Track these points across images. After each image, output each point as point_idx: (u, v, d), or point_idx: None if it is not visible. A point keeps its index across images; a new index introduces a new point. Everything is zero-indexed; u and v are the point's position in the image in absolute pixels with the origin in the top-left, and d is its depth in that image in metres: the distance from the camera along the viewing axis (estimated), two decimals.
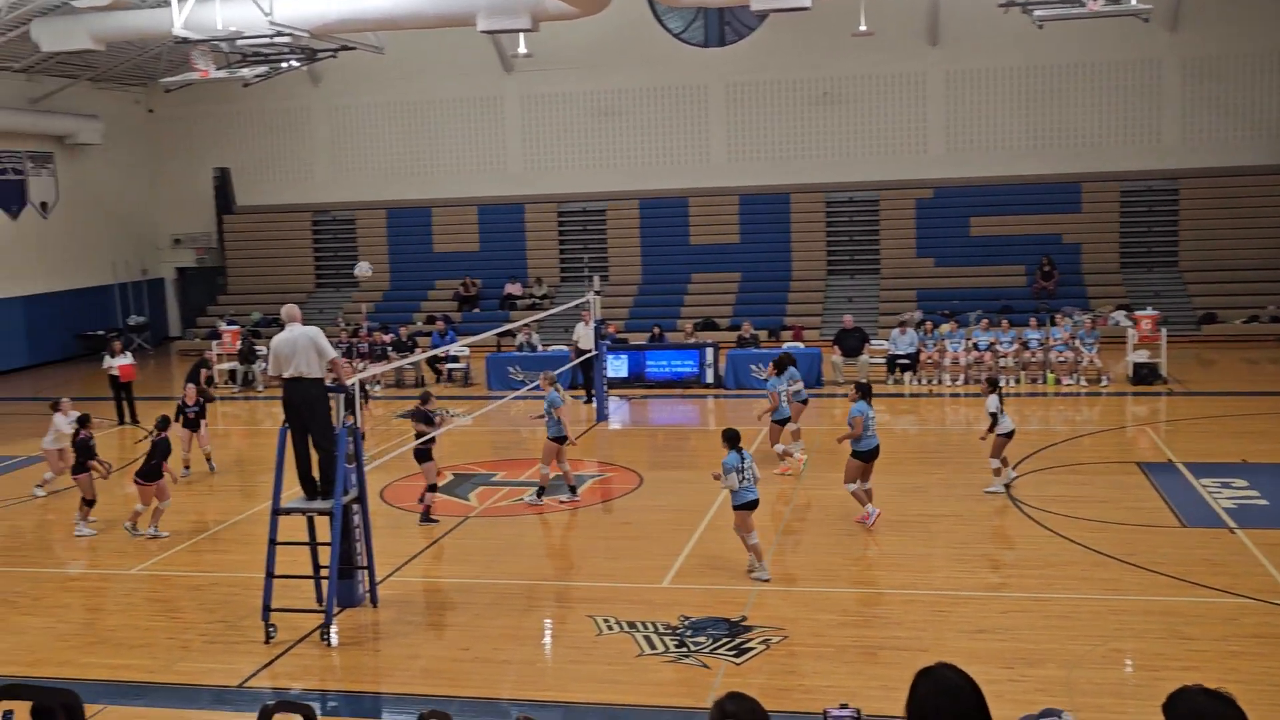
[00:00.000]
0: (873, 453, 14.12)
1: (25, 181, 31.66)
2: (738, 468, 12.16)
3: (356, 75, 33.41)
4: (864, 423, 13.92)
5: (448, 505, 15.82)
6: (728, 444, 12.38)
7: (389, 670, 10.58)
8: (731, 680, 9.73)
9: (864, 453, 14.06)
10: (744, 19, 31.75)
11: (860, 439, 13.98)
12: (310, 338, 11.30)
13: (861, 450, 14.05)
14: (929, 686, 3.74)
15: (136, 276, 35.17)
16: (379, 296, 33.83)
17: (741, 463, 12.21)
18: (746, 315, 28.60)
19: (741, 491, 12.23)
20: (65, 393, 27.11)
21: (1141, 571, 12.03)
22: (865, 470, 14.14)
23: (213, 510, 16.25)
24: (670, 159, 33.04)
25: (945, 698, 3.71)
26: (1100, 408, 21.41)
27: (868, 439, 14.02)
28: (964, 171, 31.38)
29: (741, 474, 12.18)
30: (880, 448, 14.32)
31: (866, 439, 14.00)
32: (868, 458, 14.09)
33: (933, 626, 10.84)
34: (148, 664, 10.71)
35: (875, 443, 14.13)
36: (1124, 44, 29.59)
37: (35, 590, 13.03)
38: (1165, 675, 9.49)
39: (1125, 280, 30.02)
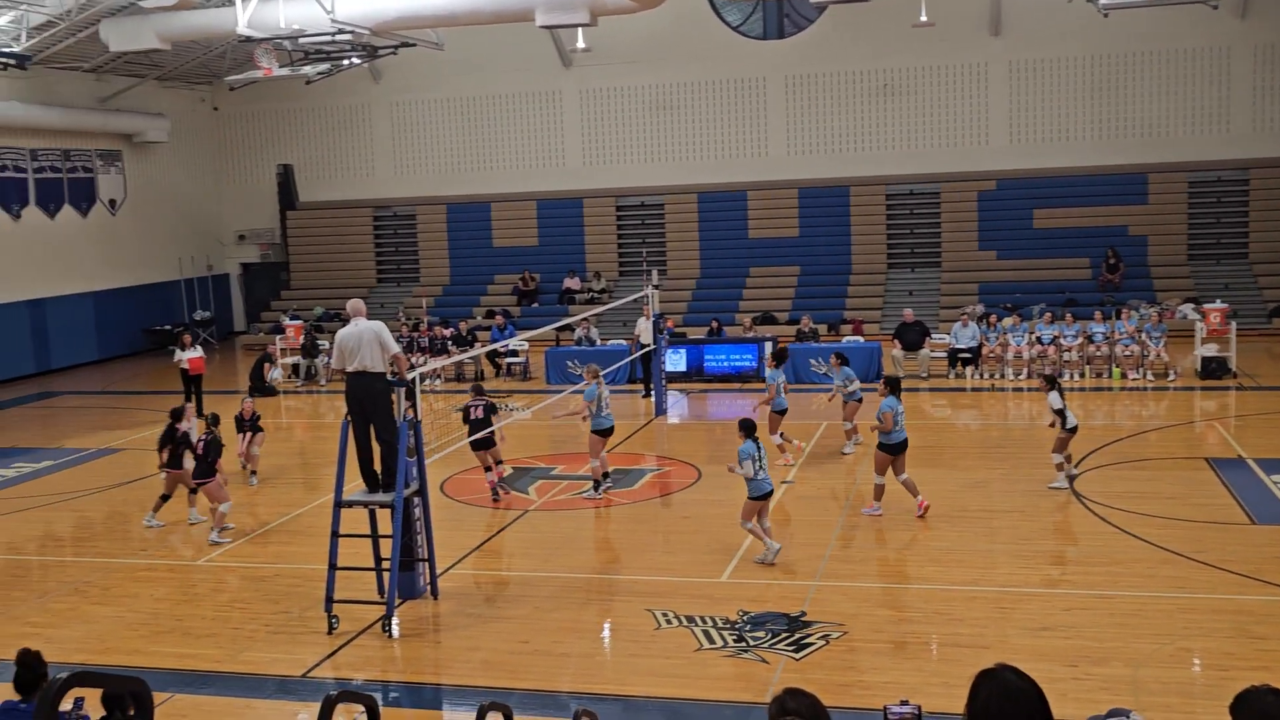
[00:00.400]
0: (900, 446, 14.20)
1: (95, 179, 32.25)
2: (754, 456, 12.40)
3: (417, 72, 33.65)
4: (893, 417, 14.01)
5: (508, 499, 15.89)
6: (744, 433, 12.67)
7: (449, 662, 10.66)
8: (790, 676, 9.69)
9: (891, 446, 14.15)
10: (803, 11, 31.56)
11: (889, 433, 14.08)
12: (375, 332, 11.46)
13: (889, 444, 14.14)
14: (991, 689, 3.62)
15: (202, 272, 35.72)
16: (439, 291, 34.09)
17: (757, 452, 12.47)
18: (805, 309, 28.46)
19: (759, 481, 12.47)
20: (132, 386, 27.68)
21: (1210, 569, 11.82)
22: (893, 463, 14.22)
23: (276, 503, 16.46)
24: (729, 152, 32.93)
25: (1008, 701, 3.60)
26: (1167, 402, 21.05)
27: (896, 433, 14.11)
28: (1027, 163, 30.97)
29: (758, 463, 12.41)
30: (908, 442, 14.34)
31: (895, 433, 14.10)
32: (895, 451, 14.17)
33: (995, 623, 10.73)
34: (214, 653, 10.87)
35: (903, 436, 14.22)
36: (1192, 31, 29.04)
37: (105, 580, 13.29)
38: (1234, 675, 9.31)
39: (1193, 272, 29.48)
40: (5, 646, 10.54)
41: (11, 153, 29.49)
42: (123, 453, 20.29)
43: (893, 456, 14.17)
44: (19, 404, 26.23)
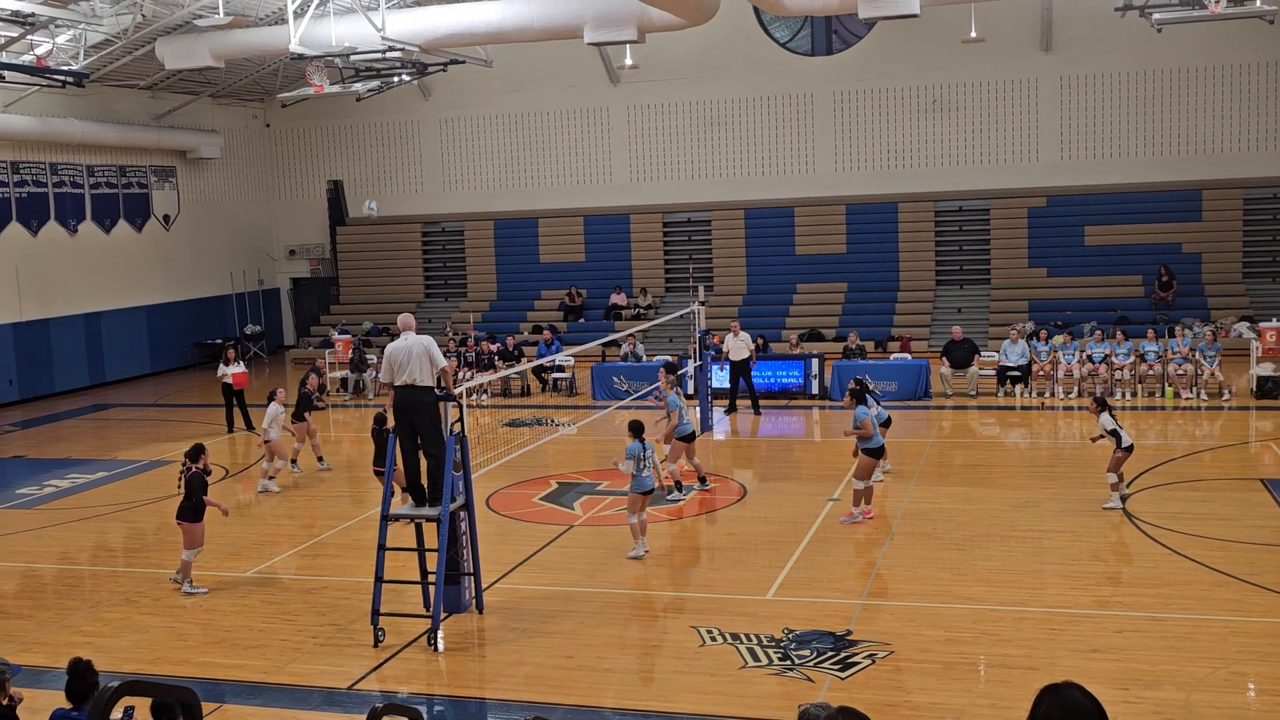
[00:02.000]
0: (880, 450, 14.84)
1: (149, 195, 32.75)
2: (638, 456, 13.53)
3: (466, 88, 33.92)
4: (870, 423, 14.62)
5: (552, 514, 15.92)
6: (632, 434, 13.74)
7: (494, 676, 10.67)
8: (836, 695, 9.61)
9: (874, 450, 14.70)
10: (851, 27, 31.50)
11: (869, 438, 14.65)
12: (424, 346, 11.56)
13: (872, 448, 14.67)
14: (1053, 703, 3.65)
15: (253, 287, 36.15)
16: (486, 307, 34.26)
17: (643, 452, 13.54)
18: (853, 326, 28.33)
19: (641, 479, 13.55)
20: (183, 399, 28.02)
21: (1266, 592, 11.61)
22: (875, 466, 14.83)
23: (324, 515, 16.58)
24: (776, 169, 32.90)
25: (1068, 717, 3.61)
26: (1222, 422, 20.73)
27: (878, 437, 14.74)
28: (1078, 179, 30.70)
29: (643, 461, 13.53)
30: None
31: (877, 438, 14.71)
32: (878, 455, 14.80)
33: (1044, 644, 10.59)
34: (262, 664, 10.96)
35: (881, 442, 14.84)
36: (1246, 46, 28.68)
37: (155, 591, 13.43)
38: None
39: (1249, 290, 29.04)
40: (58, 655, 10.70)
41: (69, 169, 30.01)
42: (174, 465, 20.50)
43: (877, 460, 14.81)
44: (74, 416, 26.63)
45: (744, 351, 22.66)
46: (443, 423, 11.76)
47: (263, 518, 16.73)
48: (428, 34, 23.95)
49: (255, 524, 16.38)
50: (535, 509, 16.28)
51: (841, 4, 23.12)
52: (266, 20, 26.26)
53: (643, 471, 13.57)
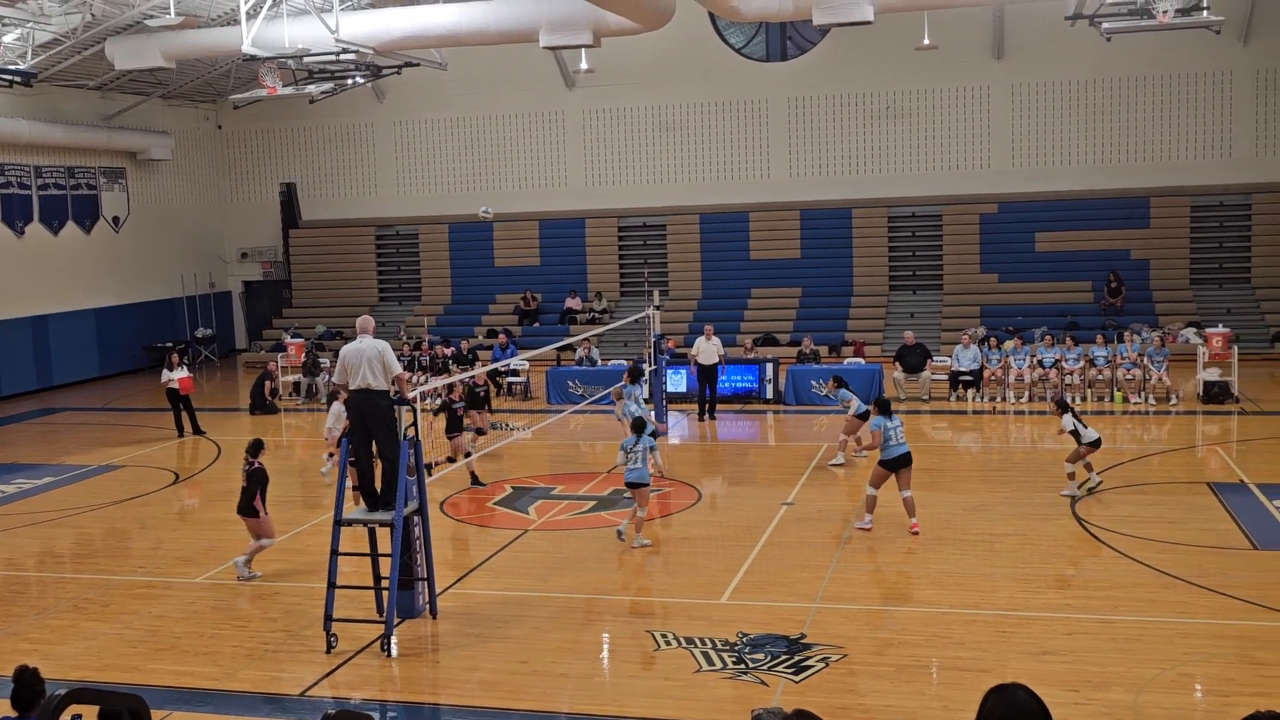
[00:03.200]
0: (897, 461, 14.47)
1: (98, 196, 32.33)
2: (627, 449, 14.13)
3: (420, 91, 33.78)
4: (883, 434, 14.48)
5: (507, 518, 15.88)
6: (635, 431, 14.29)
7: (448, 682, 10.62)
8: (790, 698, 9.65)
9: (889, 461, 14.49)
10: (806, 34, 31.69)
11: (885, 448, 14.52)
12: (379, 351, 11.45)
13: (886, 459, 14.50)
14: (997, 702, 3.72)
15: (204, 290, 35.77)
16: (441, 310, 34.12)
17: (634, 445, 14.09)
18: (807, 331, 28.46)
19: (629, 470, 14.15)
20: (132, 403, 27.68)
21: (1212, 594, 11.78)
22: (896, 478, 14.53)
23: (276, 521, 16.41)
24: (731, 174, 33.02)
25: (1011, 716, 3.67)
26: (1169, 427, 21.03)
27: (892, 448, 14.44)
28: (1029, 186, 31.04)
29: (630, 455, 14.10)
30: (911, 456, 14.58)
31: (891, 448, 14.44)
32: (892, 466, 14.48)
33: (995, 647, 10.69)
34: (212, 671, 10.84)
35: (901, 451, 14.48)
36: (1194, 56, 29.14)
37: (104, 596, 13.25)
38: (1236, 701, 9.28)
39: (1196, 297, 29.49)
40: (4, 663, 10.52)
41: (16, 169, 29.58)
42: (123, 469, 20.28)
43: (891, 471, 14.43)
44: (21, 420, 26.23)
45: (714, 357, 22.68)
46: (398, 427, 11.70)
47: (214, 523, 16.55)
48: (382, 36, 23.84)
49: (206, 530, 16.21)
50: (490, 513, 16.23)
51: (796, 10, 23.25)
52: (219, 21, 26.03)
53: (628, 464, 14.06)
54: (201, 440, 22.61)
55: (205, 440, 22.58)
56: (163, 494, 18.41)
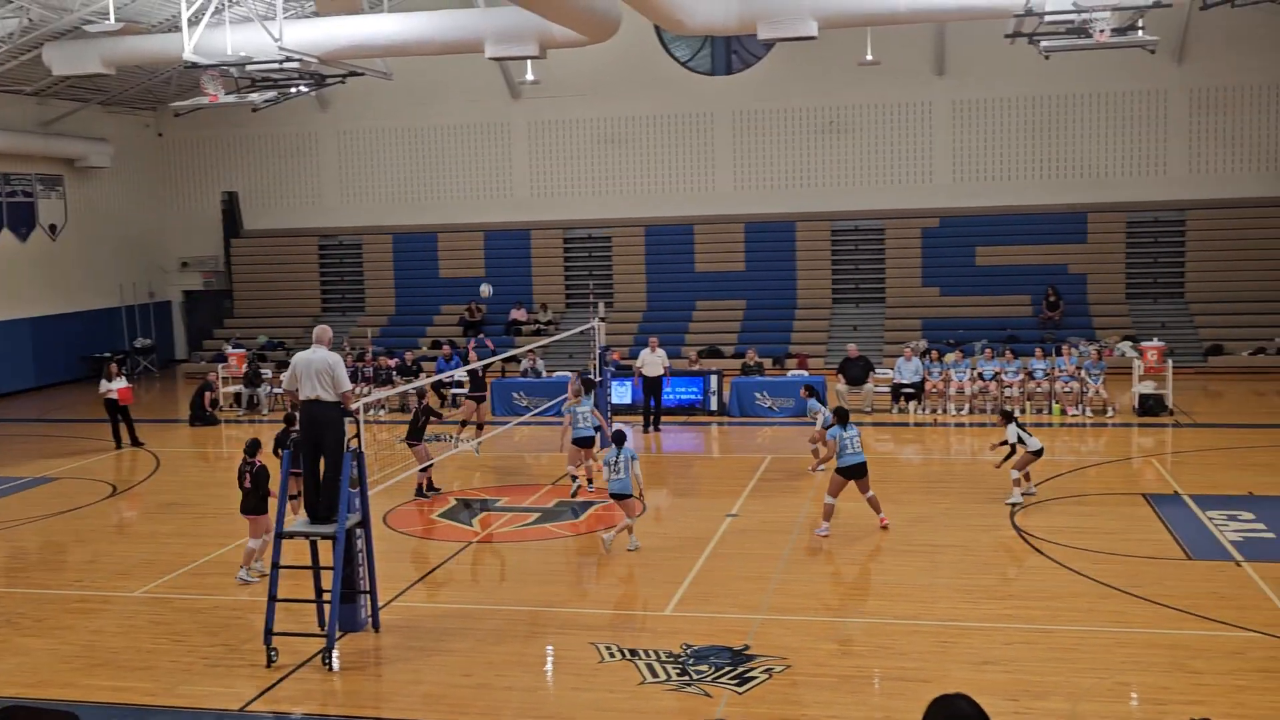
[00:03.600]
0: (853, 469, 14.84)
1: (35, 204, 31.80)
2: (610, 462, 14.41)
3: (365, 101, 33.60)
4: (838, 444, 14.84)
5: (450, 531, 15.80)
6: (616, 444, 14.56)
7: (390, 695, 10.54)
8: (733, 710, 9.68)
9: (845, 469, 14.84)
10: (751, 48, 31.91)
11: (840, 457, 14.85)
12: (329, 365, 11.37)
13: (842, 467, 14.84)
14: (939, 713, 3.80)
15: (144, 299, 35.27)
16: (385, 321, 33.90)
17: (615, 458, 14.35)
18: (751, 343, 28.61)
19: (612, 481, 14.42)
20: (69, 414, 27.21)
21: (1147, 604, 11.98)
22: (858, 484, 14.93)
23: (216, 534, 16.22)
24: (676, 186, 33.15)
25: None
26: (1106, 439, 21.36)
27: (848, 456, 14.79)
28: (970, 201, 31.45)
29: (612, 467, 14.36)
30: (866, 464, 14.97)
31: (847, 456, 14.79)
32: (849, 474, 14.85)
33: (937, 657, 10.79)
34: (149, 686, 10.67)
35: (857, 460, 14.84)
36: (1130, 75, 29.71)
37: (38, 611, 13.01)
38: (1171, 709, 9.44)
39: (1131, 311, 30.01)
40: None
41: None
42: (59, 482, 19.93)
43: (848, 479, 14.83)
44: None
45: (659, 369, 22.72)
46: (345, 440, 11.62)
47: (151, 536, 16.31)
48: (326, 45, 23.68)
49: (143, 543, 15.97)
50: (434, 526, 16.13)
51: (741, 24, 23.40)
52: (160, 27, 25.73)
53: (610, 476, 14.32)
54: (140, 452, 22.28)
55: (143, 452, 22.25)
56: (100, 506, 18.11)
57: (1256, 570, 12.92)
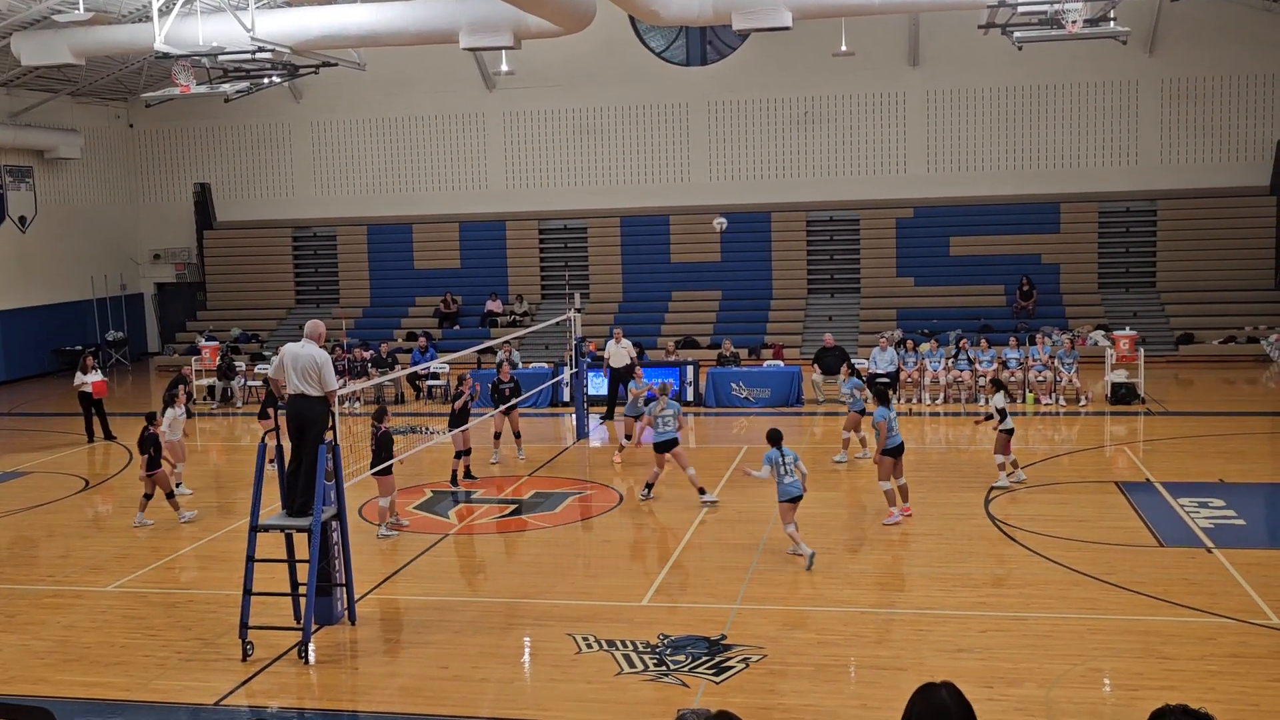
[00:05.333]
0: (898, 449, 15.14)
1: (4, 196, 31.51)
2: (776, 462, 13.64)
3: (338, 92, 33.42)
4: (887, 425, 14.98)
5: (426, 523, 15.77)
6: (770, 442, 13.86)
7: (367, 688, 10.51)
8: (711, 699, 9.71)
9: (892, 450, 15.04)
10: (726, 38, 31.90)
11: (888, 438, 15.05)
12: (316, 363, 11.29)
13: (890, 448, 15.02)
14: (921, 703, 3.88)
15: (115, 292, 35.01)
16: (359, 313, 33.77)
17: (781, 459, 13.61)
18: (727, 333, 28.65)
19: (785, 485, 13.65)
20: (39, 408, 27.01)
21: (1120, 591, 12.08)
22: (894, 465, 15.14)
23: (190, 527, 16.14)
24: (651, 177, 33.13)
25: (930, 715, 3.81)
26: (1079, 427, 21.50)
27: (892, 438, 15.04)
28: (944, 191, 31.56)
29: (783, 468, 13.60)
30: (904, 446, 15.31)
31: (891, 438, 15.03)
32: (896, 454, 15.09)
33: (912, 645, 10.85)
34: (123, 681, 10.62)
35: (899, 440, 15.19)
36: (1102, 66, 29.87)
37: (9, 607, 12.92)
38: (1144, 695, 9.53)
39: (1104, 300, 30.20)
40: None
41: None
42: (30, 476, 19.78)
43: (894, 459, 15.06)
44: None
45: (625, 359, 22.73)
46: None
47: (124, 530, 16.21)
48: (299, 35, 23.54)
49: (116, 536, 15.87)
50: (409, 518, 16.10)
51: (716, 15, 23.39)
52: (130, 17, 25.51)
53: (785, 478, 13.46)
54: (112, 446, 22.14)
55: (116, 445, 22.12)
56: (72, 500, 17.99)
57: (1227, 557, 13.04)
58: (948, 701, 3.86)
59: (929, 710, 3.87)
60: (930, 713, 3.85)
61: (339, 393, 11.80)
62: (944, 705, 3.86)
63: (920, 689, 3.91)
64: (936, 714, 3.85)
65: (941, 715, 3.85)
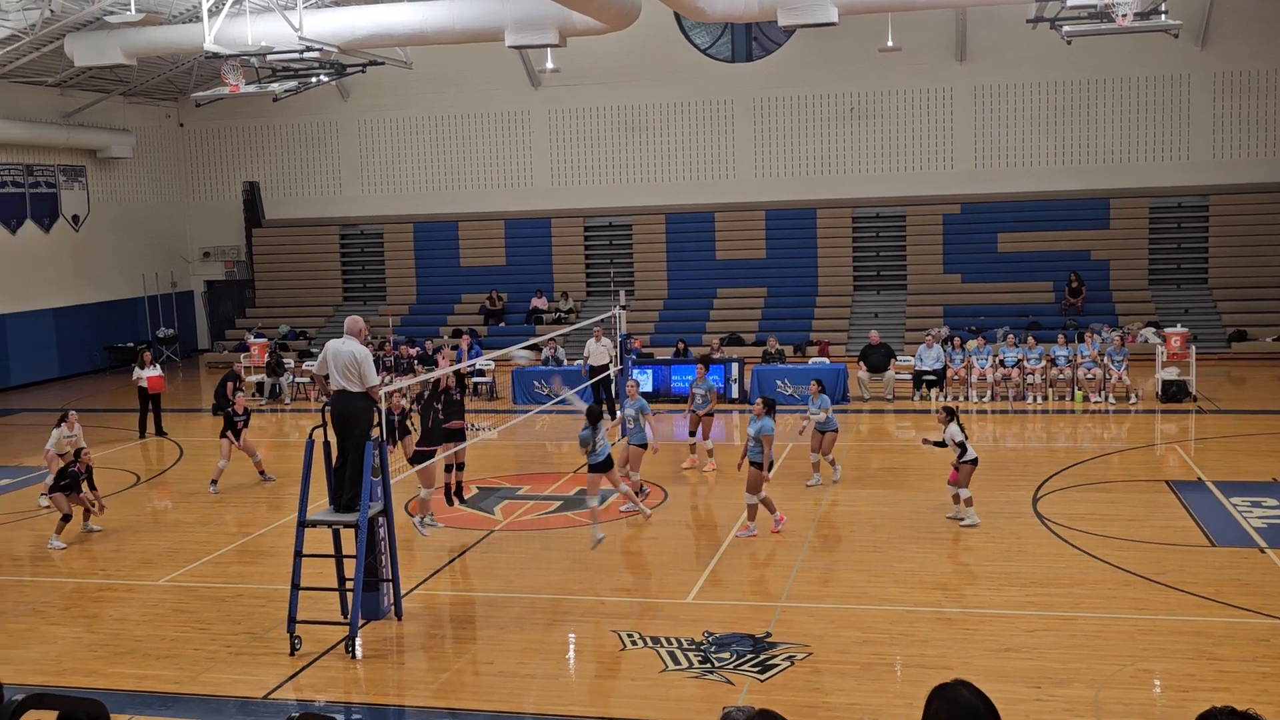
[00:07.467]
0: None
1: (58, 195, 31.99)
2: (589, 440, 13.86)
3: (385, 90, 33.63)
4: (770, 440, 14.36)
5: (472, 519, 15.84)
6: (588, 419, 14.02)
7: (413, 683, 10.58)
8: (755, 697, 9.69)
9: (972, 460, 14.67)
10: (771, 34, 31.80)
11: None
12: (356, 359, 11.39)
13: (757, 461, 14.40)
14: (941, 703, 3.71)
15: (166, 289, 35.46)
16: (405, 310, 33.99)
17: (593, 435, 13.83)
18: (772, 330, 28.55)
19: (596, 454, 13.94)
20: (92, 404, 27.39)
21: (1171, 591, 11.92)
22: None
23: (240, 522, 16.32)
24: (696, 174, 33.08)
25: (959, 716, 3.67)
26: (1129, 425, 21.25)
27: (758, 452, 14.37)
28: (991, 187, 31.28)
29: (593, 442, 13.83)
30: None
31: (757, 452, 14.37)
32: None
33: (959, 644, 10.77)
34: (174, 675, 10.75)
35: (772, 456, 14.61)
36: (1153, 60, 29.47)
37: (63, 600, 13.12)
38: (1194, 696, 9.40)
39: (1154, 297, 29.82)
40: None
41: None
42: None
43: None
44: None
45: (604, 358, 22.53)
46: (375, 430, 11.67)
47: (176, 525, 16.42)
48: (346, 34, 23.72)
49: (168, 531, 16.08)
50: (455, 514, 16.17)
51: (762, 11, 23.31)
52: (180, 18, 25.80)
53: (599, 448, 13.82)
54: (164, 441, 22.42)
55: (167, 441, 22.39)
56: (124, 495, 18.24)
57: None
58: (973, 700, 3.68)
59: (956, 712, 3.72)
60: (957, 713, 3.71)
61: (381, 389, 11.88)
62: (971, 705, 3.68)
63: (936, 689, 3.76)
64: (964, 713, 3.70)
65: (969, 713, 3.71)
